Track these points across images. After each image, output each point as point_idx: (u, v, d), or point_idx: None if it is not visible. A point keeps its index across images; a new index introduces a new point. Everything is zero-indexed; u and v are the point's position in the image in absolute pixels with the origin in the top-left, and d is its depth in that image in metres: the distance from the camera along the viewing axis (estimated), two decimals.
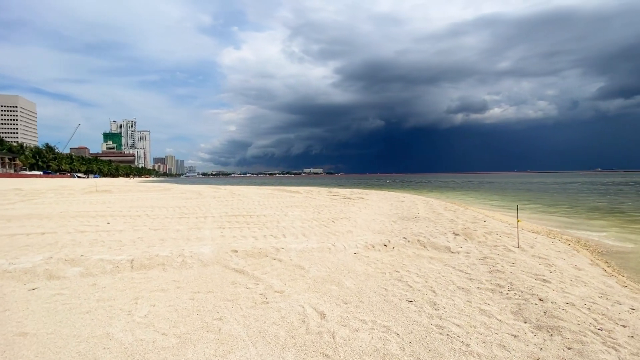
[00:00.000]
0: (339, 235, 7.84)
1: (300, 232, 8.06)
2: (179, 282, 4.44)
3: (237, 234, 7.68)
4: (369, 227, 9.19)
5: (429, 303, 3.83)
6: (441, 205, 15.09)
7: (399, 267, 5.29)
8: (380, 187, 44.69)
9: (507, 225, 9.89)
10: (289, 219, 10.22)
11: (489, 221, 10.35)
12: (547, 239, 8.24)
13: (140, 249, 5.93)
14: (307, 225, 9.20)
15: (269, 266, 5.19)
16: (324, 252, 6.05)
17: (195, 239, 7.06)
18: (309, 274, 4.83)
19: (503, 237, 7.50)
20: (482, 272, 5.00)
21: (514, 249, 6.48)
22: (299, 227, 8.84)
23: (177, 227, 8.51)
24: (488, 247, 6.59)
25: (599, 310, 3.59)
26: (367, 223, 9.82)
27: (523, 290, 4.12)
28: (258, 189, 29.80)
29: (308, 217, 10.69)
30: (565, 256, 6.46)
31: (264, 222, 9.66)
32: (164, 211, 11.91)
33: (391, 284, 4.51)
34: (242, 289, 4.22)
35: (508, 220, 11.59)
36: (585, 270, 5.49)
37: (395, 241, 6.95)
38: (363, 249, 6.37)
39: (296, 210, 12.47)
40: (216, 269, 5.04)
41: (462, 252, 6.25)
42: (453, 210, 13.11)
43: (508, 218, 12.65)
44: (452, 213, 12.36)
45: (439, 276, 4.83)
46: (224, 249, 5.88)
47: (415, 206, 14.46)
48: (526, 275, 4.77)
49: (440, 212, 12.56)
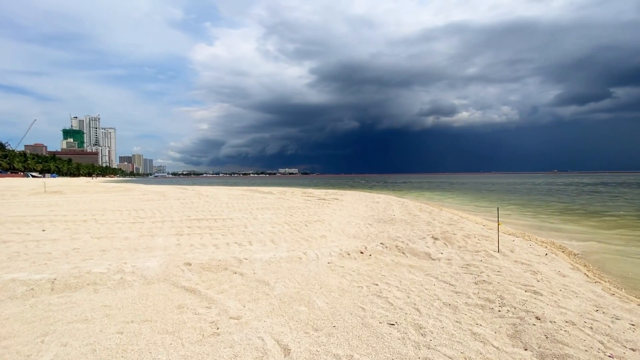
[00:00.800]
0: (311, 241, 7.18)
1: (269, 238, 7.30)
2: (109, 308, 3.57)
3: (196, 242, 6.79)
4: (344, 230, 8.60)
5: (414, 326, 3.25)
6: (416, 207, 14.86)
7: (377, 279, 4.71)
8: (355, 187, 44.61)
9: (483, 227, 9.69)
10: (258, 223, 9.41)
11: (465, 223, 10.12)
12: (524, 241, 8.05)
13: (71, 264, 4.93)
14: (278, 229, 8.45)
15: (228, 282, 4.42)
16: (294, 263, 5.36)
17: (144, 248, 6.10)
18: (275, 292, 4.12)
19: (482, 241, 7.18)
20: (468, 283, 4.53)
21: (495, 254, 6.13)
22: (268, 232, 8.07)
23: (126, 234, 7.45)
24: (469, 252, 6.19)
25: (602, 330, 3.17)
26: (342, 226, 9.23)
27: (516, 306, 3.65)
28: (229, 189, 28.51)
29: (279, 221, 9.93)
30: (546, 260, 6.20)
31: (230, 226, 8.79)
32: (116, 215, 10.66)
33: (369, 300, 3.91)
34: (190, 315, 3.43)
35: (483, 222, 11.48)
36: (570, 277, 5.19)
37: (372, 247, 6.39)
38: (337, 258, 5.75)
39: (267, 213, 11.66)
40: (162, 288, 4.19)
41: (443, 258, 5.80)
42: (428, 212, 12.87)
43: (482, 219, 12.59)
44: (428, 214, 12.10)
45: (421, 289, 4.29)
46: (175, 262, 5.02)
47: (390, 207, 14.11)
48: (515, 286, 4.34)
49: (416, 213, 12.26)
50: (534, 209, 16.93)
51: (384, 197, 20.08)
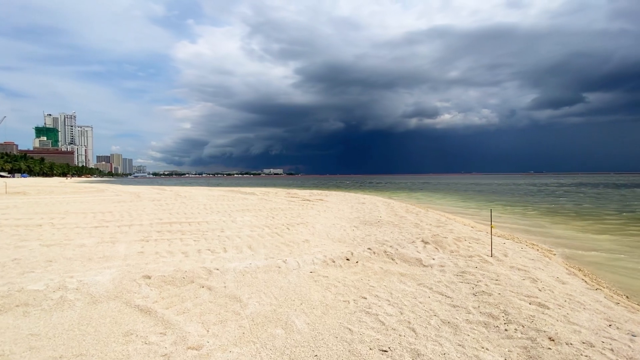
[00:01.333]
0: (293, 246, 6.59)
1: (246, 244, 6.66)
2: (37, 338, 2.87)
3: (163, 249, 6.07)
4: (329, 234, 8.06)
5: (411, 353, 2.73)
6: (402, 208, 14.52)
7: (365, 291, 4.18)
8: (340, 188, 44.28)
9: (471, 229, 9.38)
10: (236, 227, 8.73)
11: (454, 225, 9.78)
12: (515, 244, 7.75)
13: (3, 279, 4.15)
14: (257, 234, 7.81)
15: (192, 299, 3.77)
16: (272, 273, 4.76)
17: (100, 258, 5.34)
18: (247, 310, 3.51)
19: (474, 245, 6.80)
20: (466, 294, 4.07)
21: (489, 259, 5.74)
22: (246, 236, 7.42)
23: (84, 240, 6.63)
24: (462, 257, 5.77)
25: (624, 353, 2.75)
26: (326, 229, 8.68)
27: (524, 324, 3.20)
28: (209, 190, 27.47)
29: (259, 224, 9.28)
30: (541, 265, 5.86)
31: (204, 230, 8.07)
32: (79, 218, 9.71)
33: (357, 319, 3.37)
34: (138, 345, 2.79)
35: (471, 224, 11.21)
36: (570, 284, 4.84)
37: (359, 253, 5.86)
38: (321, 266, 5.19)
39: (247, 215, 10.97)
40: (110, 308, 3.51)
41: (435, 265, 5.34)
42: (415, 213, 12.52)
43: (470, 221, 12.34)
44: (415, 216, 11.74)
45: (415, 303, 3.79)
46: (133, 274, 4.32)
47: (376, 209, 13.69)
48: (517, 297, 3.91)
49: (403, 214, 11.88)
50: (519, 209, 16.95)
51: (370, 198, 19.71)
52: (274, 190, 28.82)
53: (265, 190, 28.11)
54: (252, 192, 24.19)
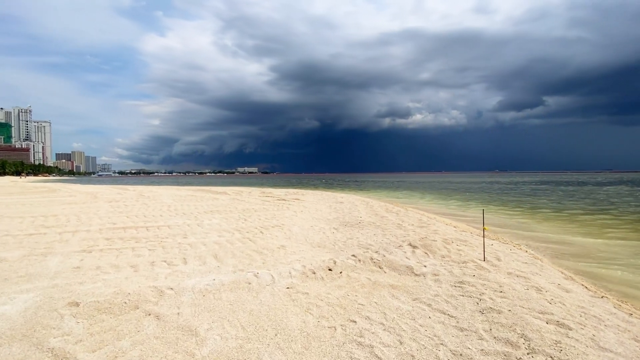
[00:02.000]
0: (267, 254, 5.76)
1: (212, 253, 5.75)
2: None
3: (107, 262, 5.03)
4: (307, 238, 7.30)
5: None
6: (382, 207, 14.06)
7: (354, 312, 3.47)
8: (316, 186, 43.65)
9: (455, 229, 8.99)
10: (202, 231, 7.75)
11: (437, 225, 9.36)
12: (503, 245, 7.39)
13: None
14: (226, 239, 6.90)
15: (133, 334, 2.88)
16: (241, 291, 3.93)
17: (20, 277, 4.24)
18: (204, 349, 2.68)
19: (463, 247, 6.30)
20: (471, 311, 3.46)
21: (484, 264, 5.23)
22: (212, 243, 6.49)
23: (7, 253, 5.41)
24: (455, 263, 5.22)
25: None
26: (304, 232, 7.91)
27: (552, 354, 2.62)
28: (178, 189, 25.79)
29: (229, 227, 8.34)
30: (537, 269, 5.45)
31: (164, 237, 7.04)
32: (13, 224, 8.26)
33: (347, 354, 2.65)
34: None
35: (453, 223, 10.89)
36: (574, 292, 4.40)
37: (342, 261, 5.16)
38: (300, 279, 4.42)
39: (215, 218, 9.95)
40: (10, 355, 2.55)
41: (428, 273, 4.74)
42: (395, 213, 12.06)
43: (450, 220, 12.06)
44: (396, 216, 11.26)
45: (415, 327, 3.13)
46: (56, 300, 3.34)
47: (355, 208, 13.11)
48: (531, 314, 3.36)
49: (384, 214, 11.36)
50: (497, 207, 17.05)
51: (348, 197, 19.17)
52: (248, 189, 27.62)
53: (238, 189, 26.85)
54: (224, 191, 22.90)
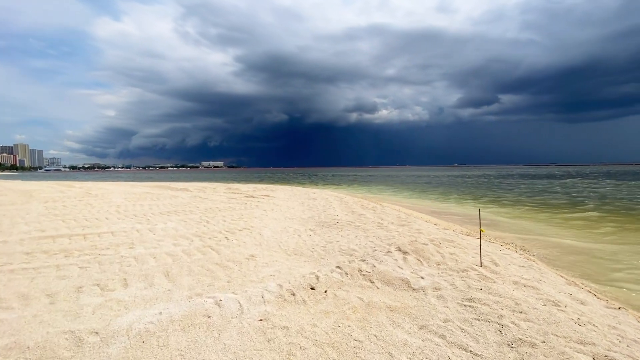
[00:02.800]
0: (233, 268, 4.75)
1: (162, 269, 4.62)
2: None
3: (13, 291, 3.72)
4: (281, 243, 6.35)
5: None
6: (357, 203, 13.40)
7: (350, 354, 2.62)
8: (286, 181, 42.50)
9: (437, 227, 8.49)
10: (154, 239, 6.50)
11: (418, 223, 8.81)
12: (490, 244, 6.97)
13: None
14: (182, 249, 5.75)
15: None
16: (197, 330, 2.92)
17: None
18: None
19: (456, 251, 5.71)
20: (497, 344, 2.75)
21: (483, 270, 4.63)
22: (164, 255, 5.33)
23: None
24: (454, 272, 4.57)
25: None
26: (277, 236, 6.95)
27: None
28: (133, 186, 23.45)
29: (188, 232, 7.14)
30: (538, 274, 4.97)
31: (104, 248, 5.72)
32: None
33: None
34: None
35: (432, 220, 10.46)
36: (590, 304, 3.90)
37: (325, 275, 4.29)
38: (276, 304, 3.48)
39: (172, 220, 8.65)
40: None
41: (427, 287, 4.02)
42: (372, 209, 11.44)
43: (428, 216, 11.67)
44: (373, 213, 10.63)
45: None
46: None
47: (330, 205, 12.32)
48: (569, 345, 2.71)
49: (361, 212, 10.68)
50: (472, 201, 17.11)
51: (320, 193, 18.36)
52: (212, 185, 25.86)
53: (202, 185, 25.02)
54: (186, 187, 21.10)
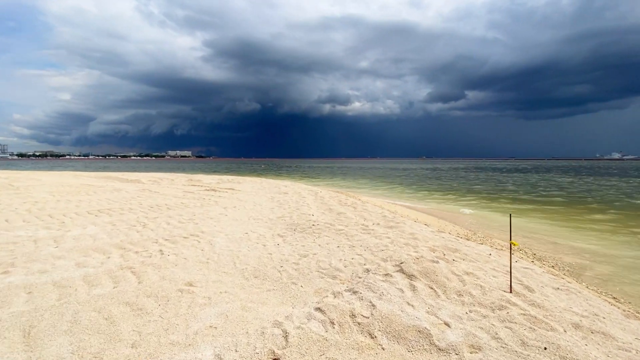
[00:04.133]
0: (151, 313, 2.99)
1: (21, 323, 2.77)
2: None
3: None
4: (238, 259, 4.64)
5: None
6: (334, 198, 11.89)
7: None
8: (256, 172, 40.32)
9: (430, 230, 7.16)
10: (51, 255, 4.51)
11: (407, 223, 7.43)
12: (502, 254, 5.70)
13: None
14: (84, 274, 3.86)
15: None
16: None
17: None
18: None
19: (470, 267, 4.31)
20: None
21: (526, 304, 3.26)
22: (45, 289, 3.43)
23: None
24: (487, 309, 3.13)
25: None
26: (234, 247, 5.22)
27: None
28: (76, 176, 20.33)
29: (110, 242, 5.21)
30: (587, 304, 3.68)
31: None
32: None
33: None
34: None
35: (420, 218, 9.17)
36: None
37: (298, 327, 2.68)
38: None
39: (97, 224, 6.59)
40: None
41: (461, 345, 2.53)
42: (352, 206, 9.97)
43: (415, 213, 10.41)
44: (354, 210, 9.16)
45: None
46: None
47: (304, 201, 10.70)
48: None
49: (339, 209, 9.16)
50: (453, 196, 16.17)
51: (292, 186, 16.66)
52: (173, 176, 23.27)
53: (159, 176, 22.38)
54: (138, 179, 18.50)
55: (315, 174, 36.49)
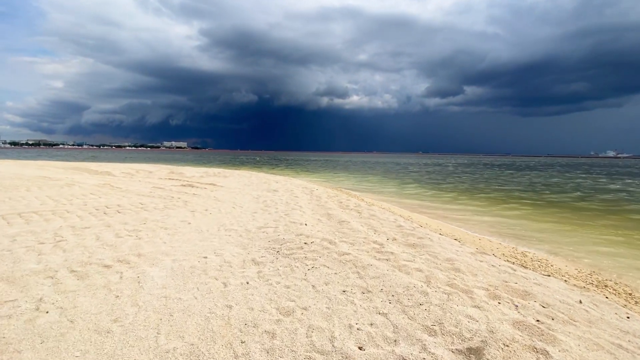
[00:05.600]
0: None
1: None
2: None
3: None
4: (166, 329, 2.61)
5: None
6: (332, 198, 9.88)
7: None
8: (249, 165, 38.24)
9: (469, 252, 5.17)
10: None
11: (432, 238, 5.43)
12: (596, 297, 3.73)
13: None
14: None
15: None
16: None
17: None
18: None
19: None
20: None
21: None
22: None
23: None
24: None
25: None
26: (173, 290, 3.19)
27: None
28: (40, 167, 18.05)
29: None
30: None
31: None
32: None
33: None
34: None
35: (443, 228, 7.18)
36: None
37: None
38: None
39: (12, 234, 4.52)
40: None
41: None
42: (356, 210, 7.97)
43: (437, 222, 8.42)
44: (359, 216, 7.17)
45: None
46: None
47: (295, 201, 8.68)
48: None
49: (340, 215, 7.15)
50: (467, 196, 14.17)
51: (284, 182, 14.62)
52: (155, 168, 21.10)
53: (139, 168, 20.21)
54: (110, 171, 16.34)
55: (312, 168, 34.45)
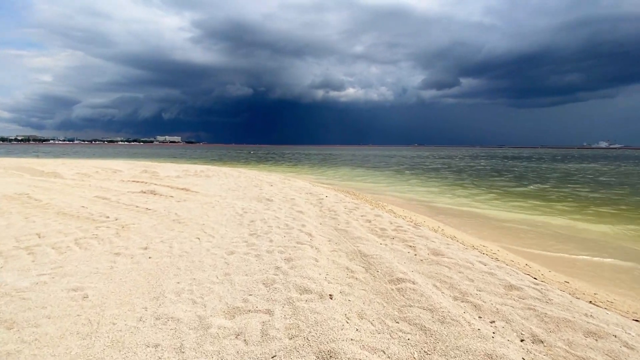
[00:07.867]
0: None
1: None
2: None
3: None
4: None
5: None
6: (350, 211, 6.71)
7: None
8: (241, 161, 35.01)
9: None
10: None
11: None
12: None
13: None
14: None
15: None
16: None
17: None
18: None
19: None
20: None
21: None
22: None
23: None
24: None
25: None
26: None
27: None
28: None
29: None
30: None
31: None
32: None
33: None
34: None
35: (479, 248, 4.08)
36: None
37: None
38: None
39: None
40: None
41: None
42: (400, 239, 4.84)
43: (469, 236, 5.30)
44: (413, 255, 4.04)
45: None
46: None
47: (299, 222, 5.51)
48: None
49: (378, 253, 4.00)
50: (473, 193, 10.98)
51: (280, 184, 11.42)
52: (125, 166, 17.76)
53: (106, 166, 16.89)
54: (59, 171, 13.00)
55: (311, 164, 31.23)
